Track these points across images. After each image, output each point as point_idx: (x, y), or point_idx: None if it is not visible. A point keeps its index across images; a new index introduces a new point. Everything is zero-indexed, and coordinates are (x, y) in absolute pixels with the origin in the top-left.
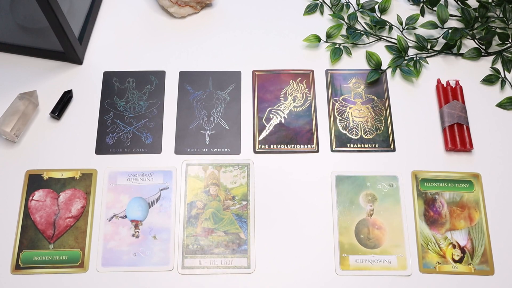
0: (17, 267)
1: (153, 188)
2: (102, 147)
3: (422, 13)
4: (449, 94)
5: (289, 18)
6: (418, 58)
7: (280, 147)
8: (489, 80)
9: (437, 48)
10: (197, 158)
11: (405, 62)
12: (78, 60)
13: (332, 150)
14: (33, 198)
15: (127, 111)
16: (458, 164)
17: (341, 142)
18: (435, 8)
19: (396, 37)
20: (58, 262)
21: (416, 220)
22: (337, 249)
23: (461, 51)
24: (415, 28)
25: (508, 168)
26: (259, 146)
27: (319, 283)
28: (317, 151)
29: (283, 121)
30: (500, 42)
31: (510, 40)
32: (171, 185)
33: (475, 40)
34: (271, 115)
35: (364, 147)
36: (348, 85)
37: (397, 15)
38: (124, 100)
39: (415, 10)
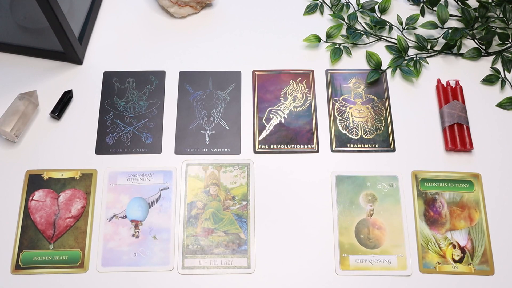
0: (17, 267)
1: (153, 188)
2: (102, 147)
3: (422, 13)
4: (449, 94)
5: (289, 18)
6: (418, 58)
7: (280, 147)
8: (489, 80)
9: (437, 48)
10: (197, 158)
11: (405, 62)
12: (78, 60)
13: (332, 150)
14: (33, 198)
15: (127, 111)
16: (458, 164)
17: (341, 142)
18: (435, 8)
19: (396, 37)
20: (58, 262)
21: (416, 220)
22: (337, 249)
23: (461, 51)
24: (415, 28)
25: (508, 168)
26: (259, 146)
27: (319, 283)
28: (317, 151)
29: (283, 121)
30: (500, 42)
31: (510, 40)
32: (171, 185)
33: (475, 40)
34: (271, 115)
35: (364, 147)
36: (348, 85)
37: (397, 15)
38: (124, 100)
39: (415, 10)
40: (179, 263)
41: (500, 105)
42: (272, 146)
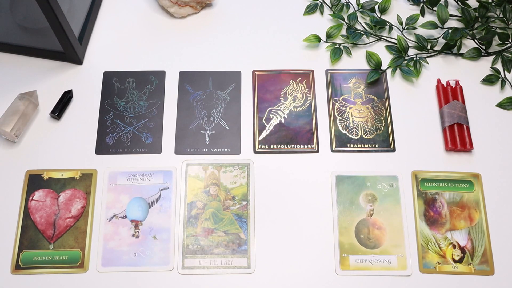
0: (17, 267)
1: (153, 188)
2: (102, 147)
3: (422, 13)
4: (449, 94)
5: (289, 18)
6: (418, 58)
7: (280, 147)
8: (489, 80)
9: (437, 48)
10: (197, 158)
11: (405, 62)
12: (78, 60)
13: (332, 150)
14: (33, 198)
15: (127, 111)
16: (458, 164)
17: (341, 142)
18: (435, 8)
19: (396, 37)
20: (58, 262)
21: (416, 220)
22: (337, 249)
23: (461, 51)
24: (415, 28)
25: (508, 168)
26: (259, 146)
27: (319, 283)
28: (317, 151)
29: (283, 121)
30: (500, 42)
31: (510, 40)
32: (171, 185)
33: (475, 40)
34: (271, 115)
35: (364, 147)
36: (348, 85)
37: (397, 15)
38: (124, 100)
39: (415, 10)
40: (179, 263)
41: (500, 105)
42: (272, 146)
